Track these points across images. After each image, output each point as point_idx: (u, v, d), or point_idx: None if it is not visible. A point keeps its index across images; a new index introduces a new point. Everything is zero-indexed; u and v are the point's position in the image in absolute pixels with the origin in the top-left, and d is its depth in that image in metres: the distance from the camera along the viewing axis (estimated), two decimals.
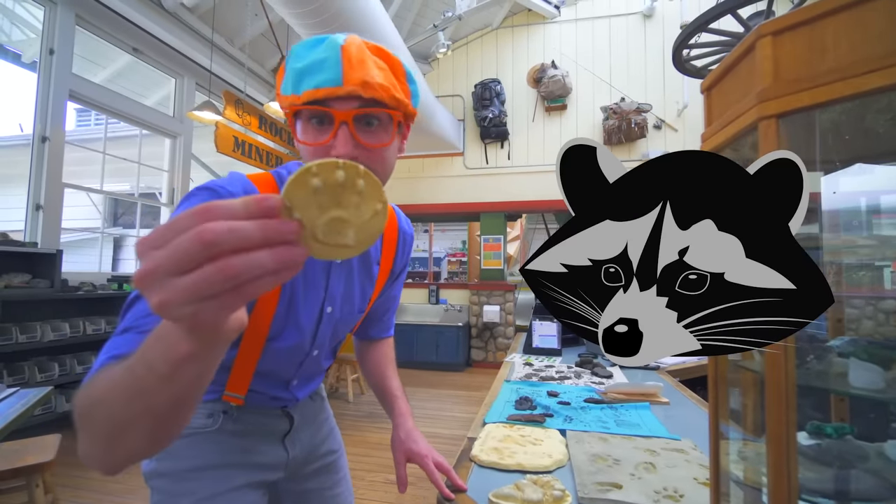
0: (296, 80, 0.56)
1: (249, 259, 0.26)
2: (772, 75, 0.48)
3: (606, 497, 0.74)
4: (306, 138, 0.57)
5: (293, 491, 0.84)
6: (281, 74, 0.60)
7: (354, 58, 0.55)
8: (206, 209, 0.27)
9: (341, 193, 0.31)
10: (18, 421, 1.42)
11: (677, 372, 1.87)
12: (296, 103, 0.55)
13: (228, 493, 0.71)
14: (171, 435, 0.39)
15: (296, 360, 0.74)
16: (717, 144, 0.58)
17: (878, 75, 0.41)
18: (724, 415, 0.60)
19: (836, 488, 0.51)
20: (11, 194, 6.90)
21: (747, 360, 0.60)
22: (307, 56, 0.56)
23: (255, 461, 0.75)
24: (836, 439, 0.59)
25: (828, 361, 0.51)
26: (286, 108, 0.58)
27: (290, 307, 0.67)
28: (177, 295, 0.26)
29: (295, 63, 0.56)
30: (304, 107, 0.55)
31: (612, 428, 1.10)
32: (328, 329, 0.74)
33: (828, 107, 0.44)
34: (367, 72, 0.55)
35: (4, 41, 5.04)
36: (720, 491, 0.60)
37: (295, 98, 0.56)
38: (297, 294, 0.68)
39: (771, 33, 0.48)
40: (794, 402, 0.45)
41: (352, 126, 0.56)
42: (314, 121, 0.57)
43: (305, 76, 0.55)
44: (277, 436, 0.79)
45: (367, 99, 0.55)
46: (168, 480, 0.71)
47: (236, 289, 0.27)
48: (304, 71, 0.55)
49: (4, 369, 2.96)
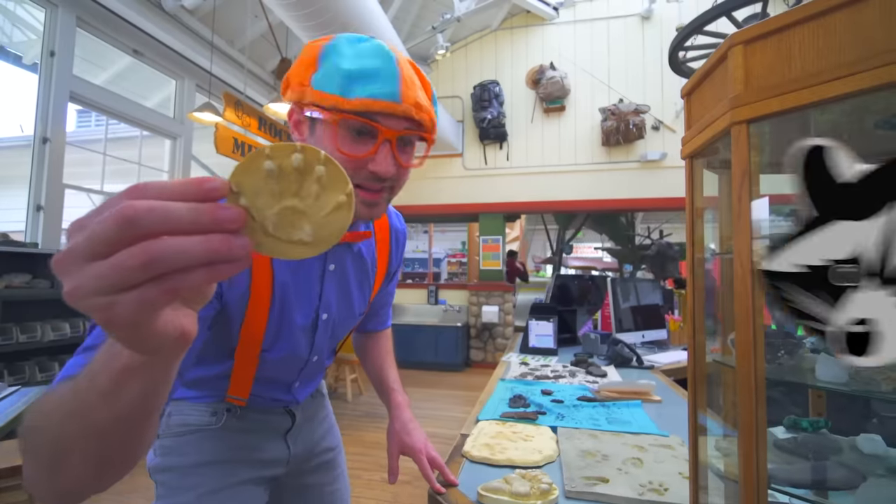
0: (345, 81, 0.51)
1: (173, 244, 0.22)
2: (743, 82, 0.50)
3: (592, 490, 0.76)
4: (343, 146, 0.53)
5: (293, 486, 0.86)
6: (307, 64, 0.55)
7: (407, 75, 0.54)
8: (138, 187, 0.24)
9: (299, 181, 0.27)
10: (18, 420, 1.45)
11: (671, 371, 1.90)
12: (342, 108, 0.51)
13: (231, 488, 0.73)
14: (119, 464, 0.35)
15: (296, 367, 0.75)
16: (694, 148, 0.61)
17: (841, 83, 0.44)
18: (703, 409, 0.62)
19: (807, 479, 0.53)
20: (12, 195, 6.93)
21: (726, 357, 0.62)
22: (358, 59, 0.52)
23: (258, 457, 0.78)
24: (811, 433, 0.61)
25: (799, 356, 0.53)
26: (322, 105, 0.52)
27: (283, 318, 0.66)
28: (88, 281, 0.23)
29: (343, 62, 0.52)
30: (354, 117, 0.52)
31: (602, 425, 1.12)
32: (325, 335, 0.74)
33: (795, 112, 0.47)
34: (417, 92, 0.55)
35: (5, 43, 5.07)
36: (699, 484, 0.62)
37: (342, 101, 0.51)
38: (289, 303, 0.66)
39: (742, 42, 0.50)
40: (764, 395, 0.47)
41: (394, 145, 0.55)
42: (354, 131, 0.54)
43: (358, 81, 0.51)
44: (280, 433, 0.81)
45: (416, 121, 0.55)
46: (173, 475, 0.73)
47: (158, 280, 0.23)
48: (357, 75, 0.52)
49: (5, 369, 2.98)
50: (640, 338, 2.34)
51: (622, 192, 5.55)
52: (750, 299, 0.49)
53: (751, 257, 0.49)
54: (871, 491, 0.46)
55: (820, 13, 0.45)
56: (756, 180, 0.51)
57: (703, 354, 0.61)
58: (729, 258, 0.53)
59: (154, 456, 0.74)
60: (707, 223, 0.65)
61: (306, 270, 0.67)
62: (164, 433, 0.74)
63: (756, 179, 0.51)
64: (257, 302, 0.63)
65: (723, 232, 0.62)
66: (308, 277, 0.68)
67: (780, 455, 0.60)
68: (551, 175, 5.82)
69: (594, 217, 7.12)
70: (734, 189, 0.50)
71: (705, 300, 0.64)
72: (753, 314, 0.49)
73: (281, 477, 0.84)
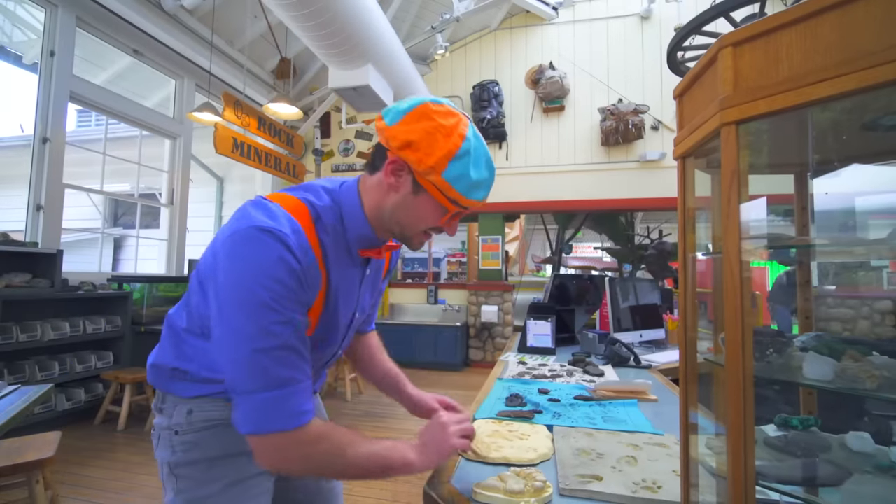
0: (469, 188, 0.69)
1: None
2: (732, 84, 0.50)
3: (586, 488, 0.77)
4: (440, 218, 0.73)
5: (295, 480, 0.91)
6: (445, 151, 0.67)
7: None
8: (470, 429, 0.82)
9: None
10: (18, 418, 1.45)
11: (669, 371, 1.90)
12: (461, 203, 0.70)
13: (253, 478, 0.77)
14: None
15: (325, 361, 0.85)
16: (686, 148, 0.61)
17: (827, 85, 0.44)
18: (694, 407, 0.62)
19: (795, 476, 0.53)
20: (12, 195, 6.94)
21: (718, 356, 0.63)
22: (480, 170, 0.70)
23: None
24: (801, 431, 0.62)
25: (787, 355, 0.54)
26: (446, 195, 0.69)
27: (331, 319, 0.76)
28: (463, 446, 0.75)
29: (472, 172, 0.68)
30: (465, 211, 0.72)
31: (598, 424, 1.13)
32: (352, 332, 0.87)
33: (783, 113, 0.47)
34: None
35: (6, 43, 5.07)
36: (690, 482, 0.63)
37: (462, 199, 0.69)
38: (339, 308, 0.77)
39: (731, 44, 0.51)
40: (752, 392, 0.48)
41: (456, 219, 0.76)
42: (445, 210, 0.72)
43: (475, 189, 0.70)
44: None
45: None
46: (197, 468, 0.75)
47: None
48: (477, 185, 0.70)
49: (5, 368, 2.99)
50: (637, 337, 2.35)
51: (621, 192, 5.55)
52: (738, 298, 0.49)
53: (739, 257, 0.50)
54: (857, 487, 0.47)
55: (807, 16, 0.46)
56: (745, 181, 0.52)
57: (695, 353, 0.61)
58: (719, 257, 0.53)
59: (174, 452, 0.76)
60: (705, 223, 0.65)
61: (352, 276, 0.78)
62: (186, 430, 0.75)
63: (745, 180, 0.52)
64: (314, 307, 0.72)
65: (715, 232, 0.62)
66: (353, 282, 0.79)
67: (770, 453, 0.60)
68: (551, 175, 5.82)
69: (593, 217, 7.13)
70: (723, 189, 0.51)
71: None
72: (742, 313, 0.49)
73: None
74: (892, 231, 0.58)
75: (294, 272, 0.63)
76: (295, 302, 0.64)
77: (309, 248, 0.67)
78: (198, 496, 0.74)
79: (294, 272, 0.63)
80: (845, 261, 2.66)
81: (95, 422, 3.43)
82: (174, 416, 0.76)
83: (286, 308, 0.62)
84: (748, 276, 0.51)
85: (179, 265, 5.05)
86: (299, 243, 0.65)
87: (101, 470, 2.66)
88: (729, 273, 0.50)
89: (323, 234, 0.71)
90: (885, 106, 0.55)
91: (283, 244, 0.62)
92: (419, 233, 0.75)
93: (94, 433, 3.26)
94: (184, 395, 0.76)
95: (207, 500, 0.74)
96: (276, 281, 0.61)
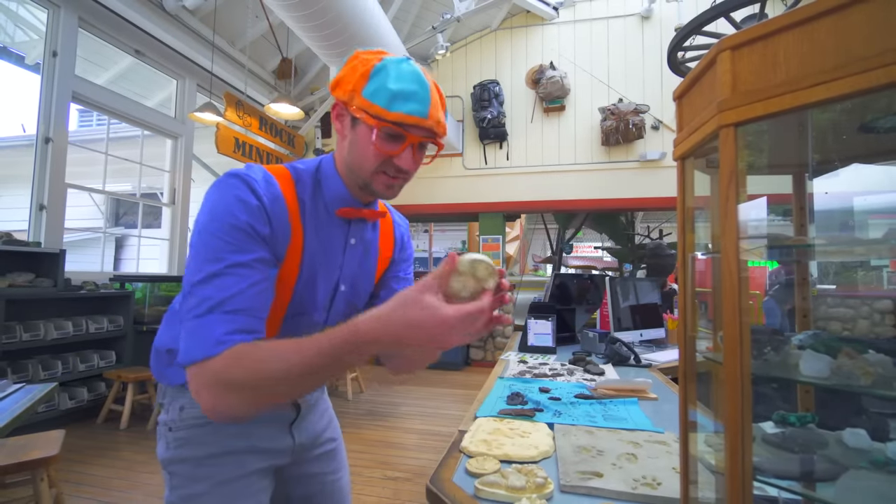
0: (389, 98, 0.66)
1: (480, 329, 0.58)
2: (730, 87, 0.51)
3: (587, 485, 0.78)
4: (378, 144, 0.68)
5: (296, 475, 0.89)
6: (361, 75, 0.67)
7: (434, 98, 0.69)
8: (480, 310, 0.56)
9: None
10: (23, 416, 1.46)
11: (669, 369, 1.91)
12: (384, 117, 0.66)
13: (241, 479, 0.76)
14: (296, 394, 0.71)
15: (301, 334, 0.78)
16: (685, 150, 0.62)
17: (823, 88, 0.45)
18: (693, 405, 0.63)
19: (792, 471, 0.54)
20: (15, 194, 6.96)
21: (717, 353, 0.64)
22: (401, 81, 0.66)
23: (266, 447, 0.81)
24: (799, 428, 0.63)
25: (784, 353, 0.55)
26: (368, 112, 0.67)
27: (308, 284, 0.74)
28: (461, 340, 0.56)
29: (390, 83, 0.66)
30: (391, 126, 0.67)
31: (599, 422, 1.14)
32: (342, 305, 0.81)
33: (778, 116, 0.48)
34: (440, 111, 0.70)
35: (8, 43, 5.09)
36: (689, 478, 0.64)
37: (384, 112, 0.66)
38: (317, 272, 0.74)
39: (730, 48, 0.52)
40: (750, 390, 0.49)
41: (415, 147, 0.71)
42: (388, 134, 0.68)
43: (398, 100, 0.66)
44: (285, 423, 0.84)
45: (435, 133, 0.70)
46: (187, 466, 0.75)
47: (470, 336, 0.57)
48: (398, 95, 0.66)
49: (9, 367, 3.00)
50: (638, 336, 2.36)
51: (622, 192, 5.56)
52: (737, 297, 0.50)
53: (737, 256, 0.51)
54: (851, 482, 0.48)
55: (805, 20, 0.47)
56: (743, 181, 0.53)
57: (694, 351, 0.62)
58: (717, 257, 0.54)
59: (167, 448, 0.77)
60: (705, 222, 0.66)
61: (332, 241, 0.76)
62: (178, 426, 0.76)
63: (743, 181, 0.53)
64: (288, 269, 0.71)
65: (714, 231, 0.63)
66: (333, 246, 0.77)
67: (768, 449, 0.61)
68: (551, 174, 5.83)
69: (594, 216, 7.13)
70: (721, 190, 0.52)
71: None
72: (740, 311, 0.50)
73: (285, 467, 0.87)
74: (888, 231, 0.59)
75: (251, 209, 0.64)
76: (251, 238, 0.63)
77: (280, 197, 0.68)
78: (189, 493, 0.74)
79: (251, 209, 0.64)
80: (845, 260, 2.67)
81: (98, 420, 3.44)
82: (169, 412, 0.77)
83: (239, 240, 0.62)
84: (746, 276, 0.52)
85: (181, 265, 5.07)
86: (267, 188, 0.67)
87: (105, 468, 2.68)
88: (727, 272, 0.51)
89: (302, 193, 0.73)
90: (884, 107, 0.56)
91: (245, 185, 0.65)
92: (373, 172, 0.71)
93: (97, 432, 3.27)
94: (174, 383, 0.77)
95: (198, 498, 0.74)
96: (230, 215, 0.63)
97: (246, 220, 0.63)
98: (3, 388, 1.66)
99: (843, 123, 0.62)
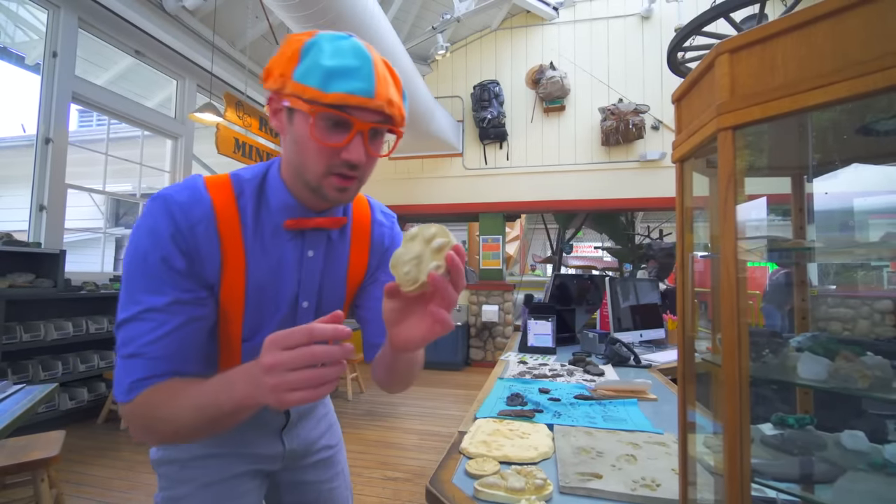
0: (324, 77, 0.55)
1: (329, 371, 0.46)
2: (728, 90, 0.51)
3: (586, 486, 0.78)
4: (319, 136, 0.58)
5: (291, 482, 0.87)
6: (289, 57, 0.58)
7: (381, 73, 0.58)
8: (312, 330, 0.46)
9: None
10: (23, 417, 1.46)
11: (668, 370, 1.91)
12: (321, 101, 0.55)
13: (226, 481, 0.76)
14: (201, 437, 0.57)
15: None
16: (684, 152, 0.62)
17: (821, 92, 0.45)
18: (692, 406, 0.63)
19: (790, 473, 0.55)
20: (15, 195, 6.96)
21: (715, 355, 0.64)
22: (337, 57, 0.56)
23: (254, 452, 0.80)
24: (797, 429, 0.63)
25: (783, 355, 0.55)
26: (301, 97, 0.56)
27: (256, 308, 0.67)
28: (285, 384, 0.45)
29: (323, 59, 0.56)
30: (330, 109, 0.56)
31: (598, 423, 1.14)
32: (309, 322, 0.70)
33: (776, 119, 0.48)
34: (389, 88, 0.59)
35: (8, 44, 5.09)
36: (688, 480, 0.64)
37: (320, 94, 0.55)
38: (264, 294, 0.68)
39: (728, 51, 0.52)
40: (748, 392, 0.49)
41: (366, 136, 0.59)
42: (330, 122, 0.58)
43: (336, 78, 0.55)
44: (275, 429, 0.82)
45: (387, 115, 0.59)
46: (173, 467, 0.76)
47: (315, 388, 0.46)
48: (335, 72, 0.55)
49: (9, 368, 3.01)
50: (637, 337, 2.36)
51: (622, 192, 5.56)
52: (735, 298, 0.51)
53: (736, 258, 0.51)
54: (851, 484, 0.48)
55: (803, 24, 0.47)
56: (742, 183, 0.53)
57: (692, 352, 0.62)
58: (716, 258, 0.54)
59: (157, 449, 0.77)
60: (704, 222, 0.66)
61: (283, 256, 0.68)
62: None
63: (741, 183, 0.53)
64: (230, 294, 0.65)
65: (713, 232, 0.63)
66: (286, 264, 0.68)
67: (766, 451, 0.61)
68: (551, 175, 5.83)
69: (594, 216, 7.14)
70: (720, 192, 0.52)
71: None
72: (738, 313, 0.50)
73: (278, 472, 0.85)
74: (886, 233, 0.59)
75: (164, 241, 0.59)
76: (166, 276, 0.59)
77: (207, 218, 0.61)
78: (174, 495, 0.74)
79: (164, 241, 0.59)
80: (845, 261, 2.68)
81: (98, 421, 3.44)
82: None
83: (153, 280, 0.58)
84: (744, 278, 0.52)
85: None
86: (189, 211, 0.60)
87: (105, 469, 2.68)
88: (725, 274, 0.51)
89: (244, 207, 0.65)
90: (885, 107, 0.56)
91: (164, 210, 0.59)
92: (323, 175, 0.60)
93: (98, 432, 3.28)
94: None
95: (182, 499, 0.73)
96: (143, 250, 0.59)
97: (159, 256, 0.58)
98: (4, 388, 1.66)
99: (843, 124, 0.62)
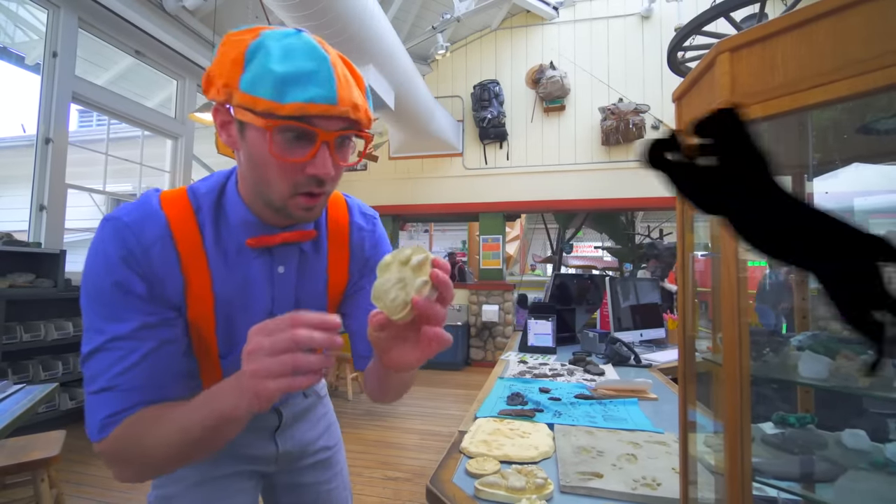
0: (277, 86, 0.49)
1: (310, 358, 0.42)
2: (729, 89, 0.51)
3: (586, 485, 0.78)
4: (279, 152, 0.52)
5: (288, 484, 0.86)
6: (233, 62, 0.51)
7: (342, 74, 0.53)
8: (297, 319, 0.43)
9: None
10: (24, 417, 1.46)
11: (669, 370, 1.91)
12: (278, 113, 0.49)
13: (217, 481, 0.75)
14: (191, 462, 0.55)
15: None
16: None
17: (821, 90, 0.45)
18: (693, 405, 0.63)
19: (791, 472, 0.55)
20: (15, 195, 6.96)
21: (716, 355, 0.64)
22: (289, 60, 0.50)
23: (246, 453, 0.78)
24: (798, 428, 0.63)
25: (784, 354, 0.55)
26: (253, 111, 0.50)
27: (229, 324, 0.65)
28: (264, 369, 0.42)
29: (272, 63, 0.50)
30: (290, 121, 0.50)
31: (599, 422, 1.14)
32: None
33: (777, 118, 0.48)
34: (353, 91, 0.54)
35: (8, 44, 5.09)
36: (689, 479, 0.64)
37: (275, 106, 0.49)
38: (234, 310, 0.64)
39: (729, 50, 0.52)
40: (749, 391, 0.49)
41: (332, 146, 0.54)
42: (290, 135, 0.52)
43: (291, 85, 0.49)
44: (267, 431, 0.80)
45: (353, 121, 0.54)
46: None
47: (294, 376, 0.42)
48: (290, 78, 0.49)
49: (9, 368, 3.01)
50: (638, 336, 2.36)
51: (622, 192, 5.56)
52: (736, 298, 0.50)
53: (736, 257, 0.51)
54: (850, 483, 0.48)
55: (803, 22, 0.47)
56: None
57: (693, 352, 0.62)
58: (717, 257, 0.54)
59: None
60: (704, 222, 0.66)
61: (251, 273, 0.64)
62: None
63: None
64: (198, 312, 0.62)
65: (713, 232, 0.63)
66: (254, 282, 0.65)
67: (767, 450, 0.61)
68: (551, 174, 5.83)
69: (594, 216, 7.14)
70: None
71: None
72: (739, 312, 0.50)
73: (274, 474, 0.84)
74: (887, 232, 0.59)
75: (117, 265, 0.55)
76: (125, 302, 0.55)
77: (163, 237, 0.57)
78: (165, 494, 0.74)
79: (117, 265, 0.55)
80: None
81: None
82: None
83: (113, 307, 0.55)
84: (745, 277, 0.52)
85: None
86: (143, 231, 0.56)
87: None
88: (726, 273, 0.51)
89: (203, 223, 0.60)
90: (885, 106, 0.56)
91: (115, 232, 0.55)
92: (286, 195, 0.55)
93: None
94: None
95: (173, 498, 0.73)
96: (99, 276, 0.55)
97: (115, 281, 0.54)
98: (4, 388, 1.66)
99: (844, 123, 0.62)
